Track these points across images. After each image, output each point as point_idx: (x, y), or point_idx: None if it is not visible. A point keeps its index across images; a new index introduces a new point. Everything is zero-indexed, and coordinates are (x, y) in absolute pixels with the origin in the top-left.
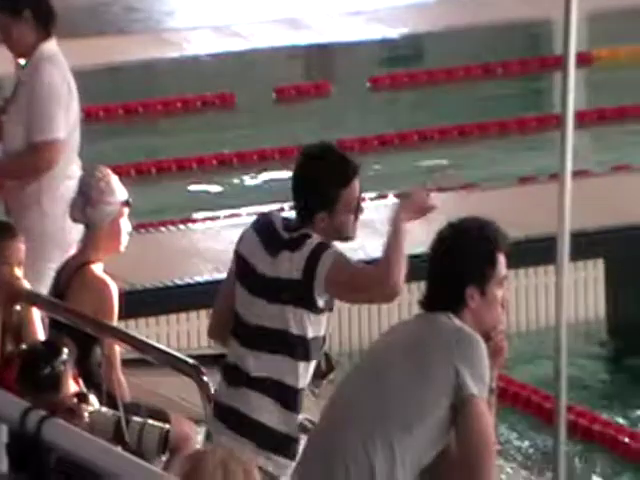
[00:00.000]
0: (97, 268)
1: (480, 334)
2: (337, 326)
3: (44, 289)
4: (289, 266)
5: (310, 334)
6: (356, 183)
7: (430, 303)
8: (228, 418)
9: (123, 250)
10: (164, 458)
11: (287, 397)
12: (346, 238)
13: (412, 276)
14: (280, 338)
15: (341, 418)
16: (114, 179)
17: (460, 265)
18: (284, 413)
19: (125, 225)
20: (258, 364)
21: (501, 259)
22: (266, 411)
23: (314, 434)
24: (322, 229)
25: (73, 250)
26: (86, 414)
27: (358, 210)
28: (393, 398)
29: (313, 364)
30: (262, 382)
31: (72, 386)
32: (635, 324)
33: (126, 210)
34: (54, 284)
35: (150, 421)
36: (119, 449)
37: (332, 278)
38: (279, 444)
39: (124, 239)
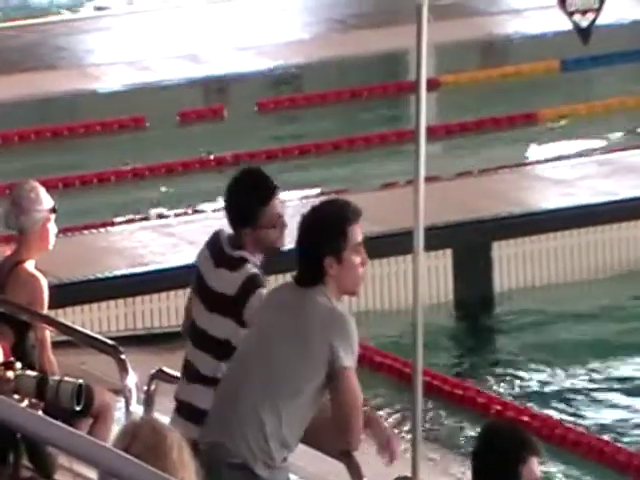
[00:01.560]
0: (29, 265)
1: (344, 293)
2: None
3: None
4: (226, 284)
5: None
6: (276, 201)
7: (301, 278)
8: (182, 409)
9: (51, 249)
10: (89, 422)
11: None
12: (274, 250)
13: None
14: (222, 346)
15: (235, 391)
16: (41, 190)
17: (314, 239)
18: None
19: (52, 228)
20: (205, 365)
21: (353, 229)
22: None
23: (215, 401)
24: (250, 243)
25: None
26: (11, 378)
27: (282, 225)
28: (279, 370)
29: None
30: (210, 379)
31: (0, 357)
32: (478, 302)
33: (52, 216)
34: None
35: (66, 378)
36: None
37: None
38: None
39: (52, 240)
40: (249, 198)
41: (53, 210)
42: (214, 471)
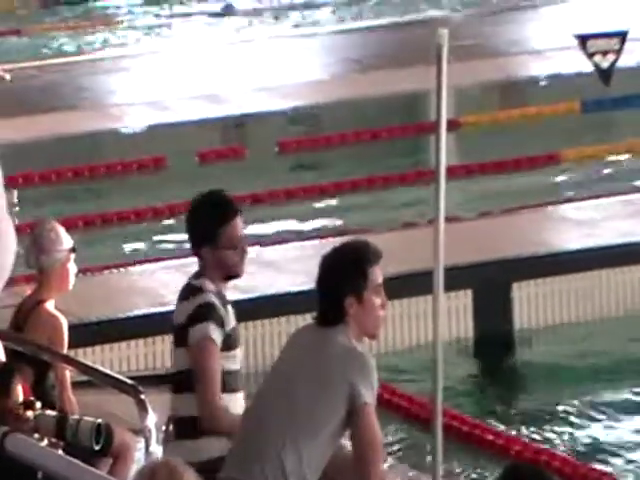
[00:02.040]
0: (50, 305)
1: (364, 335)
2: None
3: None
4: (180, 314)
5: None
6: (237, 222)
7: (321, 318)
8: None
9: (72, 289)
10: (109, 462)
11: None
12: (232, 276)
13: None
14: (181, 379)
15: (255, 429)
16: (61, 230)
17: (336, 279)
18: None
19: (72, 268)
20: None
21: (373, 270)
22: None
23: (236, 439)
24: (209, 266)
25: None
26: (31, 417)
27: (243, 250)
28: (299, 410)
29: (237, 396)
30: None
31: (20, 396)
32: (498, 342)
33: (72, 255)
34: (13, 319)
35: (85, 417)
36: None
37: (191, 355)
38: None
39: (72, 280)
40: (209, 216)
41: (73, 250)
42: None
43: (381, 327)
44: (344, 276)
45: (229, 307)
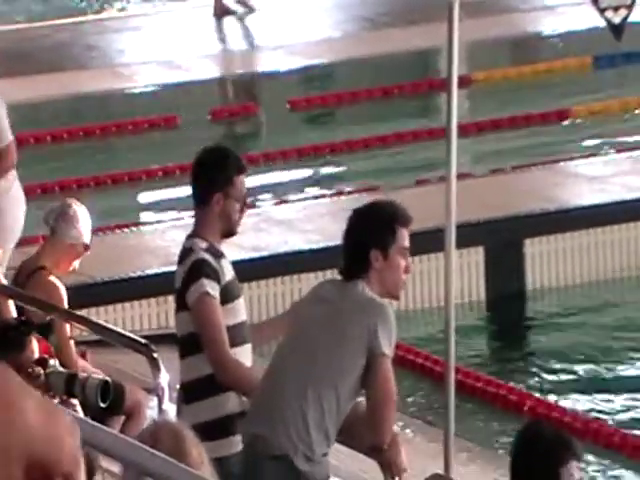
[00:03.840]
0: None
1: (385, 294)
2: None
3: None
4: (177, 278)
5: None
6: (243, 178)
7: (345, 271)
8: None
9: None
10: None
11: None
12: (230, 232)
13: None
14: (185, 344)
15: (278, 380)
16: (89, 221)
17: (364, 231)
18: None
19: (76, 263)
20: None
21: (402, 231)
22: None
23: (256, 394)
24: (210, 218)
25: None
26: (42, 375)
27: (244, 205)
28: (320, 360)
29: (244, 347)
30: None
31: (36, 353)
32: (510, 299)
33: (86, 252)
34: (14, 280)
35: (93, 375)
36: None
37: (193, 315)
38: None
39: (69, 269)
40: (224, 164)
41: (87, 247)
42: (254, 463)
43: (402, 289)
44: (374, 229)
45: (224, 260)
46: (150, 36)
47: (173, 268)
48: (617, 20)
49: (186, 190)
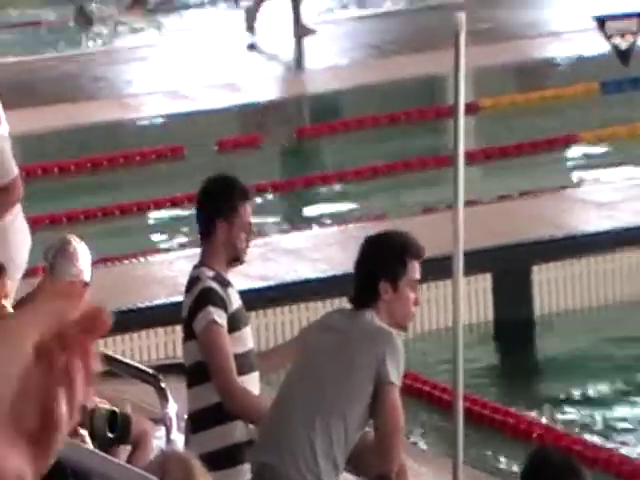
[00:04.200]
0: None
1: (393, 325)
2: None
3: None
4: (185, 308)
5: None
6: (249, 206)
7: (355, 300)
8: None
9: (92, 279)
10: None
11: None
12: (236, 259)
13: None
14: (192, 372)
15: (286, 409)
16: (88, 261)
17: (374, 262)
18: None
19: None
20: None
21: (412, 264)
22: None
23: (264, 423)
24: (216, 247)
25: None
26: None
27: (250, 233)
28: (327, 389)
29: (252, 376)
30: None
31: None
32: (518, 326)
33: (85, 291)
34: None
35: (100, 405)
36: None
37: (200, 344)
38: None
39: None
40: (229, 192)
41: (86, 284)
42: None
43: (411, 321)
44: (384, 260)
45: (231, 289)
46: (157, 66)
47: (181, 298)
48: (624, 46)
49: (193, 220)
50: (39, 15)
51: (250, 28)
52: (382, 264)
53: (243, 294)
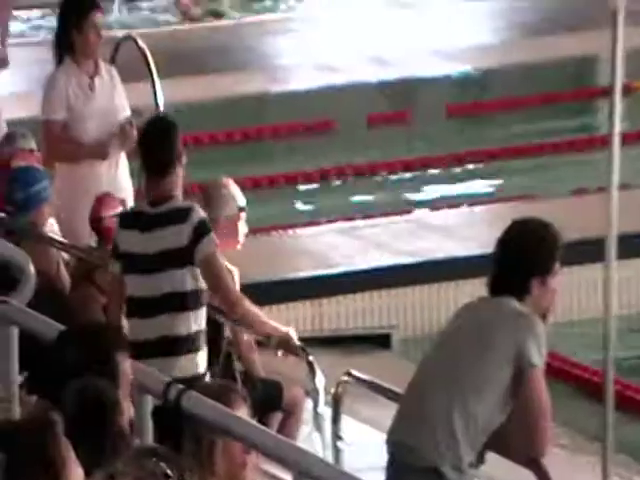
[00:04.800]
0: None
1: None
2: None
3: None
4: (173, 238)
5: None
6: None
7: (497, 288)
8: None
9: (240, 249)
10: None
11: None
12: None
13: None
14: (191, 297)
15: (424, 389)
16: (234, 188)
17: (530, 259)
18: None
19: (242, 227)
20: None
21: (560, 256)
22: None
23: (402, 403)
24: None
25: None
26: None
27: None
28: (465, 369)
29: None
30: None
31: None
32: None
33: (243, 215)
34: None
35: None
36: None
37: (204, 268)
38: None
39: (241, 238)
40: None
41: (243, 209)
42: (400, 473)
43: (552, 312)
44: (537, 257)
45: None
46: (308, 39)
47: (328, 271)
48: None
49: (343, 194)
50: None
51: None
52: (535, 261)
53: (391, 270)
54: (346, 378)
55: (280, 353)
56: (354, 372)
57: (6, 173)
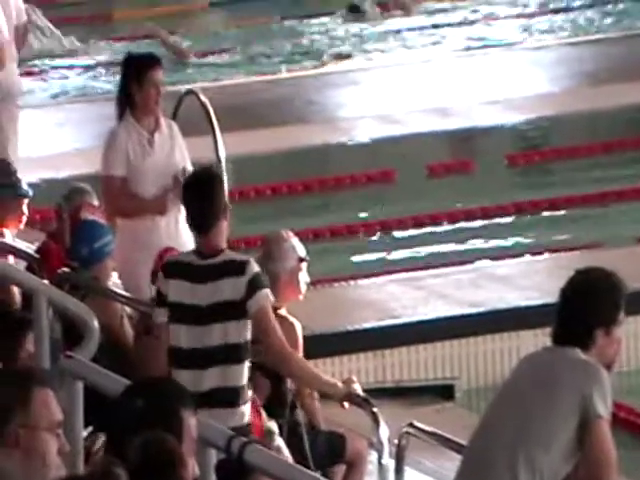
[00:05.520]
0: (281, 312)
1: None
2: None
3: None
4: (228, 290)
5: None
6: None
7: (561, 338)
8: None
9: (302, 299)
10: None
11: None
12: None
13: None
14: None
15: (488, 441)
16: (295, 240)
17: (594, 310)
18: None
19: (303, 277)
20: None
21: (623, 305)
22: None
23: (467, 454)
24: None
25: None
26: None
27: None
28: (530, 421)
29: None
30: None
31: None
32: None
33: (304, 265)
34: None
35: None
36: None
37: (257, 321)
38: None
39: (302, 288)
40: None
41: (303, 259)
42: None
43: (617, 361)
44: (602, 308)
45: None
46: (369, 90)
47: (391, 322)
48: None
49: (404, 244)
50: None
51: None
52: (599, 312)
53: (453, 320)
54: (409, 429)
55: (345, 405)
56: (417, 423)
57: (75, 224)
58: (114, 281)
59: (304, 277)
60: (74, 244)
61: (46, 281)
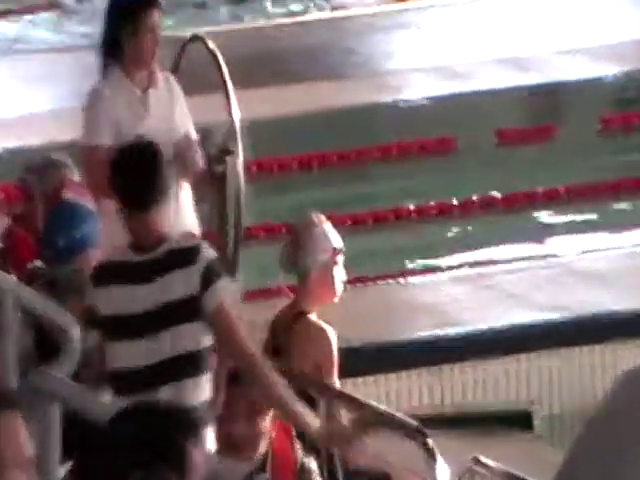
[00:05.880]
0: (311, 317)
1: None
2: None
3: None
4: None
5: None
6: None
7: None
8: None
9: (337, 301)
10: None
11: None
12: None
13: None
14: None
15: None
16: (328, 226)
17: None
18: None
19: (339, 274)
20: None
21: None
22: None
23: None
24: None
25: None
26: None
27: None
28: (627, 463)
29: None
30: None
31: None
32: None
33: (339, 258)
34: (269, 339)
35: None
36: None
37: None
38: None
39: (338, 288)
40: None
41: (340, 251)
42: None
43: None
44: None
45: None
46: (423, 36)
47: (451, 331)
48: None
49: (468, 234)
50: None
51: None
52: None
53: (531, 329)
54: (474, 466)
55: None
56: (483, 459)
57: (50, 206)
58: None
59: (340, 273)
60: (49, 230)
61: (13, 277)
